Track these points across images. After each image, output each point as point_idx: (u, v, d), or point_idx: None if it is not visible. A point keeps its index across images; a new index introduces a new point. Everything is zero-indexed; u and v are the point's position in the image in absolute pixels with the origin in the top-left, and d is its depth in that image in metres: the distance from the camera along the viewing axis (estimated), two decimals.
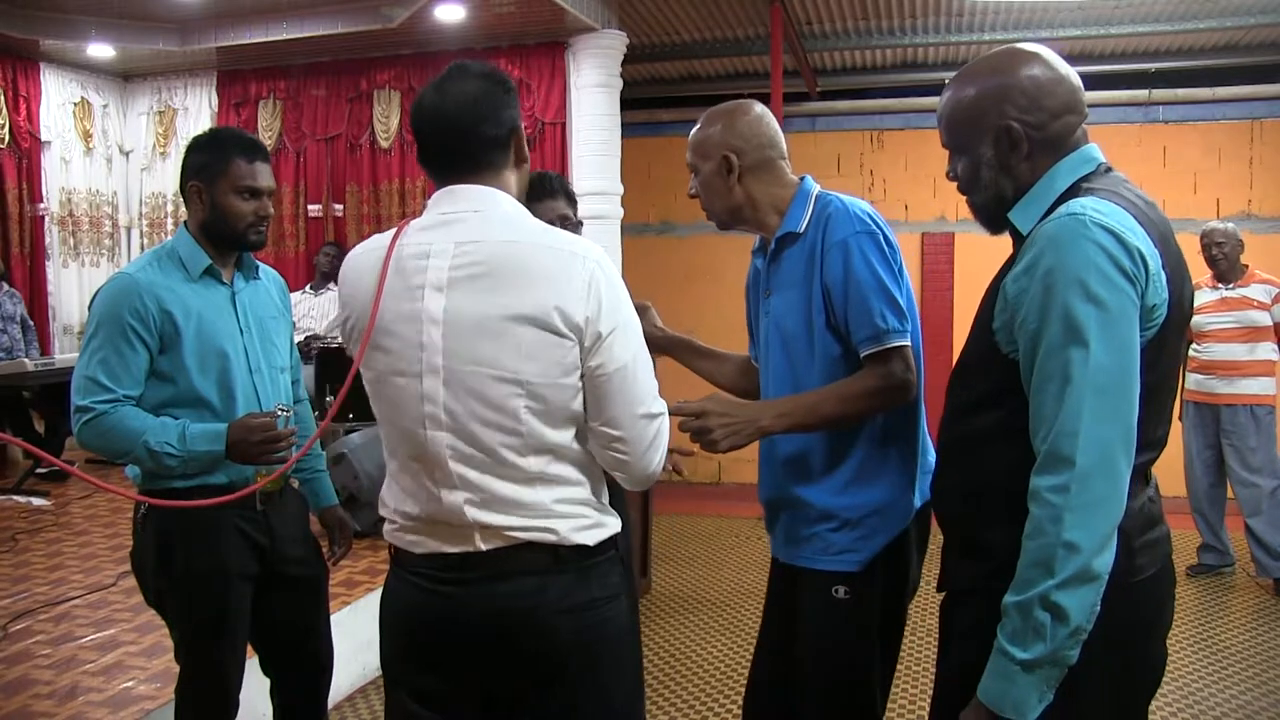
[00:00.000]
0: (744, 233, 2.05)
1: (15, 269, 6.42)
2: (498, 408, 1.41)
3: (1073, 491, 1.25)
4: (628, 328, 1.46)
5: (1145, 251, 1.30)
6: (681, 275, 7.32)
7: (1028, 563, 1.29)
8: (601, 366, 1.42)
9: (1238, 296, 4.73)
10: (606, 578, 1.52)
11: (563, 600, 1.46)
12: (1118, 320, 1.27)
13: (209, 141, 2.19)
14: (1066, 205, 1.35)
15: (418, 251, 1.45)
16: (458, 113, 1.50)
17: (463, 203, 1.48)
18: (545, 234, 1.47)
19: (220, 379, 2.11)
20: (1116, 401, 1.27)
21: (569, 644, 1.47)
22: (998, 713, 1.30)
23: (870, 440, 1.88)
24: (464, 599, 1.47)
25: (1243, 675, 3.73)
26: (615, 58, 5.85)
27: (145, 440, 2.00)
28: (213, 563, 2.10)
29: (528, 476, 1.44)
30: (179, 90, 6.97)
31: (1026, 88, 1.44)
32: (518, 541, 1.45)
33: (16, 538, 4.53)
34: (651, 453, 1.49)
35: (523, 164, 1.58)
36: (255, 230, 2.16)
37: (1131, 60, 6.55)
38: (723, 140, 1.94)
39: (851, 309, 1.81)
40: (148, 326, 2.04)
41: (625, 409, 1.44)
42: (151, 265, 2.12)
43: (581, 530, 1.48)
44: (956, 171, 1.53)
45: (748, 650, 3.95)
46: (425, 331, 1.42)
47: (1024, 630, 1.28)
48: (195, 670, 2.15)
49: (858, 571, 1.86)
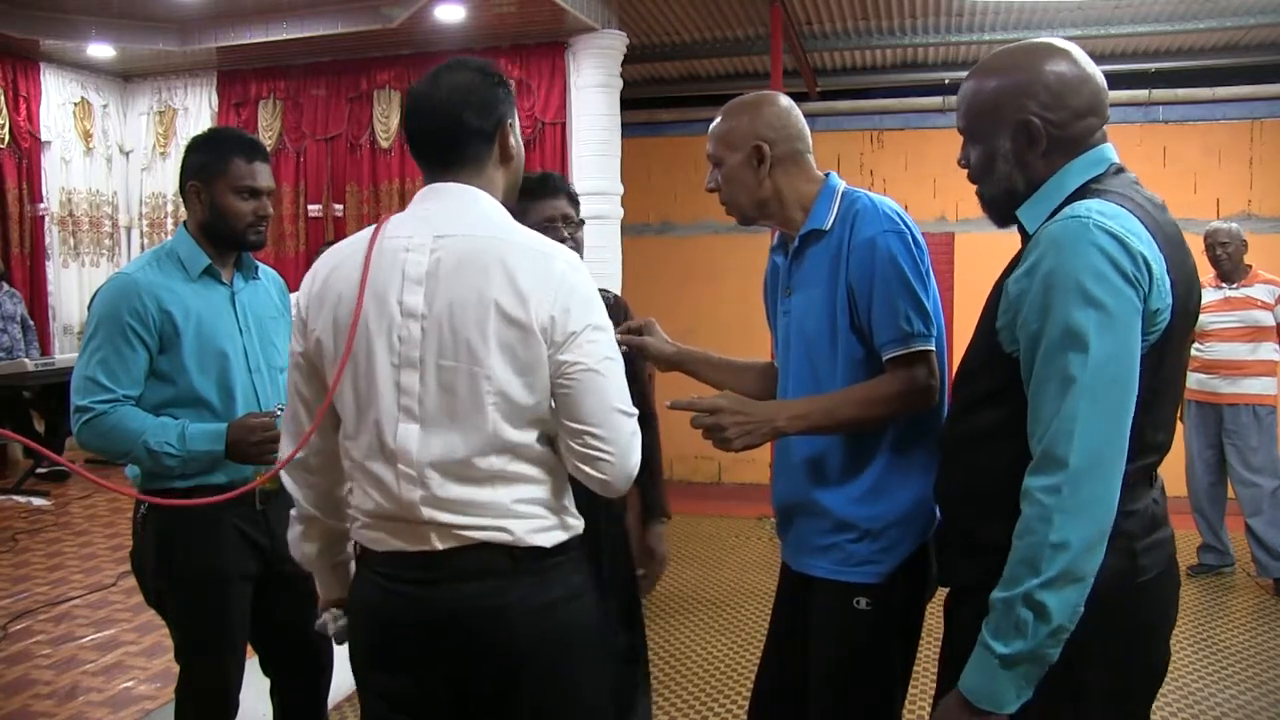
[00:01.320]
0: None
1: (15, 269, 6.43)
2: (468, 402, 1.42)
3: (1064, 493, 1.26)
4: (600, 329, 1.46)
5: (1149, 256, 1.29)
6: (681, 275, 7.32)
7: (1015, 560, 1.29)
8: (575, 364, 1.42)
9: (1241, 296, 4.73)
10: (569, 578, 1.52)
11: (525, 602, 1.46)
12: (1117, 324, 1.27)
13: (208, 141, 2.19)
14: (1072, 207, 1.35)
15: (397, 245, 1.46)
16: (446, 101, 1.51)
17: (444, 199, 1.50)
18: (521, 233, 1.48)
19: (220, 379, 2.10)
20: (1113, 406, 1.27)
21: (533, 645, 1.47)
22: (975, 704, 1.31)
23: (891, 448, 1.81)
24: (426, 599, 1.47)
25: (1243, 675, 3.73)
26: (615, 58, 5.85)
27: (145, 440, 1.99)
28: (212, 563, 2.09)
29: (488, 475, 1.44)
30: (179, 90, 6.97)
31: (1051, 84, 1.42)
32: (472, 541, 1.45)
33: (16, 538, 4.53)
34: (632, 452, 1.47)
35: (509, 162, 1.57)
36: (254, 230, 2.15)
37: (1131, 60, 6.55)
38: (753, 130, 1.84)
39: (876, 310, 1.75)
40: (147, 326, 2.04)
41: (602, 404, 1.44)
42: (151, 265, 2.12)
43: (538, 532, 1.47)
44: (969, 159, 1.52)
45: (748, 650, 3.95)
46: (405, 325, 1.43)
47: (1006, 626, 1.28)
48: (195, 670, 2.15)
49: (879, 583, 1.79)
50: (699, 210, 7.31)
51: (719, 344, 2.30)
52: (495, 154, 1.54)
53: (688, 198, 7.38)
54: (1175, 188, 6.63)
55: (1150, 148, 6.70)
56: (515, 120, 1.58)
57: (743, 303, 6.31)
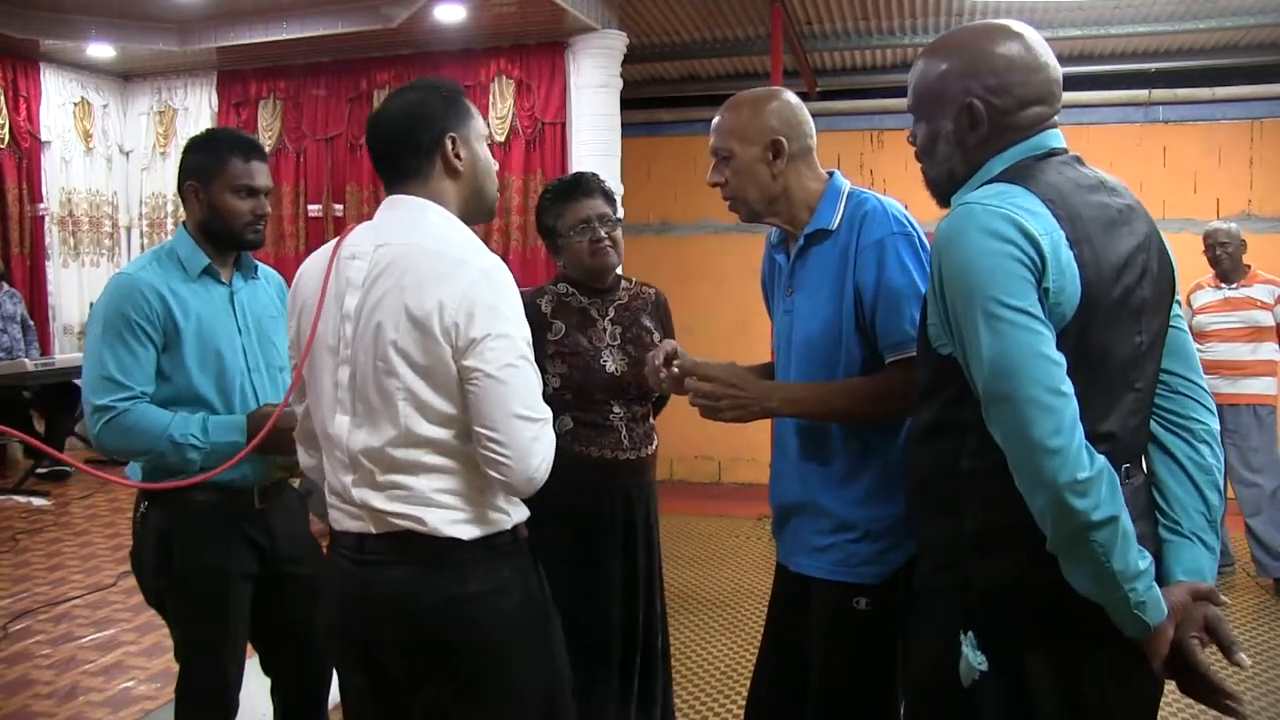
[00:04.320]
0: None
1: (15, 269, 6.42)
2: (384, 399, 1.53)
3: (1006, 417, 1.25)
4: (505, 337, 1.51)
5: (1036, 231, 1.26)
6: (681, 275, 7.31)
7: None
8: (475, 370, 1.49)
9: (1241, 296, 4.73)
10: (493, 573, 1.57)
11: (436, 592, 1.54)
12: (1007, 308, 1.25)
13: (205, 142, 2.20)
14: (961, 196, 1.36)
15: (349, 253, 1.60)
16: (389, 120, 1.65)
17: (396, 210, 1.63)
18: (443, 241, 1.56)
19: (218, 378, 2.11)
20: (1023, 346, 1.24)
21: (438, 635, 1.55)
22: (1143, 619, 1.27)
23: (894, 450, 1.80)
24: (363, 579, 1.58)
25: (1243, 675, 3.73)
26: (615, 58, 5.85)
27: (170, 433, 2.00)
28: (212, 562, 2.09)
29: (408, 464, 1.54)
30: (179, 90, 6.97)
31: (999, 67, 1.40)
32: (396, 529, 1.55)
33: (16, 538, 4.53)
34: (530, 456, 1.52)
35: (455, 175, 1.64)
36: (253, 229, 2.16)
37: (1131, 60, 6.55)
38: (768, 124, 1.82)
39: (881, 313, 1.74)
40: (153, 323, 2.05)
41: (500, 410, 1.50)
42: (151, 265, 2.13)
43: (454, 524, 1.55)
44: (916, 137, 1.51)
45: (748, 650, 3.95)
46: (342, 326, 1.57)
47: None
48: (195, 669, 2.15)
49: (878, 584, 1.79)
50: (699, 210, 7.31)
51: (719, 344, 2.31)
52: (438, 167, 1.63)
53: (688, 198, 7.38)
54: (1175, 188, 6.63)
55: (1150, 148, 6.70)
56: (468, 131, 1.64)
57: (742, 302, 6.31)
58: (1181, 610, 1.30)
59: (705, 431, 2.17)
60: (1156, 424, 1.46)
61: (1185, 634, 1.29)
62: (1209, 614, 1.31)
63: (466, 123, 1.65)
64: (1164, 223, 6.39)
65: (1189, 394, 1.46)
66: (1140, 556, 1.26)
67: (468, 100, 1.68)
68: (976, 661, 1.34)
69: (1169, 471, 1.44)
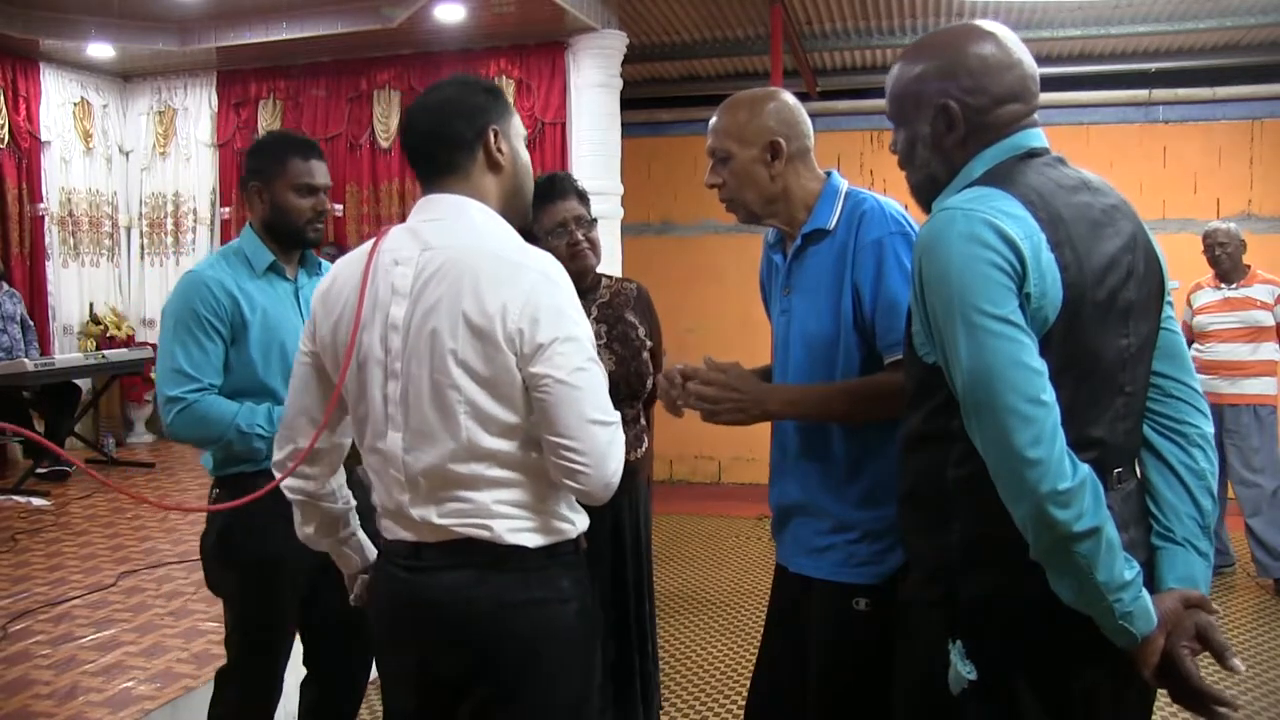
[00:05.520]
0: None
1: (15, 269, 6.42)
2: (443, 413, 1.46)
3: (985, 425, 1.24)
4: (573, 340, 1.46)
5: (1016, 235, 1.24)
6: (681, 275, 7.31)
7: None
8: (545, 376, 1.43)
9: (1241, 296, 4.73)
10: (553, 581, 1.53)
11: (499, 596, 1.49)
12: (987, 316, 1.23)
13: (265, 144, 2.31)
14: (942, 200, 1.34)
15: (390, 259, 1.51)
16: (428, 115, 1.56)
17: (436, 210, 1.54)
18: (499, 243, 1.50)
19: (284, 371, 2.16)
20: (1004, 355, 1.23)
21: (496, 640, 1.50)
22: (1100, 605, 1.25)
23: (893, 450, 1.74)
24: (416, 585, 1.53)
25: (1243, 675, 3.73)
26: (615, 58, 5.85)
27: (237, 423, 2.09)
28: (270, 552, 2.13)
29: (469, 479, 1.47)
30: (179, 90, 6.98)
31: (973, 67, 1.38)
32: (458, 536, 1.50)
33: (16, 538, 4.53)
34: (608, 460, 1.47)
35: (498, 169, 1.58)
36: (313, 226, 2.25)
37: (1131, 60, 6.55)
38: (766, 125, 1.80)
39: (880, 313, 1.73)
40: (221, 319, 2.14)
41: (574, 415, 1.44)
42: (218, 263, 2.23)
43: (518, 532, 1.50)
44: (896, 145, 1.50)
45: (748, 650, 3.95)
46: (389, 337, 1.48)
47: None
48: (247, 654, 2.24)
49: (878, 584, 1.78)
50: (699, 210, 7.31)
51: (719, 344, 2.30)
52: (480, 160, 1.56)
53: (688, 197, 7.38)
54: (1175, 188, 6.63)
55: (1150, 148, 6.70)
56: (508, 127, 1.59)
57: (743, 302, 6.30)
58: (1173, 619, 1.29)
59: (705, 432, 2.17)
60: (1149, 428, 1.43)
61: (1176, 643, 1.27)
62: (1200, 621, 1.29)
63: (508, 118, 1.59)
64: (1164, 223, 6.44)
65: (1182, 397, 1.44)
66: (1127, 566, 1.24)
67: (507, 97, 1.64)
68: (965, 671, 1.32)
69: (1162, 476, 1.42)
